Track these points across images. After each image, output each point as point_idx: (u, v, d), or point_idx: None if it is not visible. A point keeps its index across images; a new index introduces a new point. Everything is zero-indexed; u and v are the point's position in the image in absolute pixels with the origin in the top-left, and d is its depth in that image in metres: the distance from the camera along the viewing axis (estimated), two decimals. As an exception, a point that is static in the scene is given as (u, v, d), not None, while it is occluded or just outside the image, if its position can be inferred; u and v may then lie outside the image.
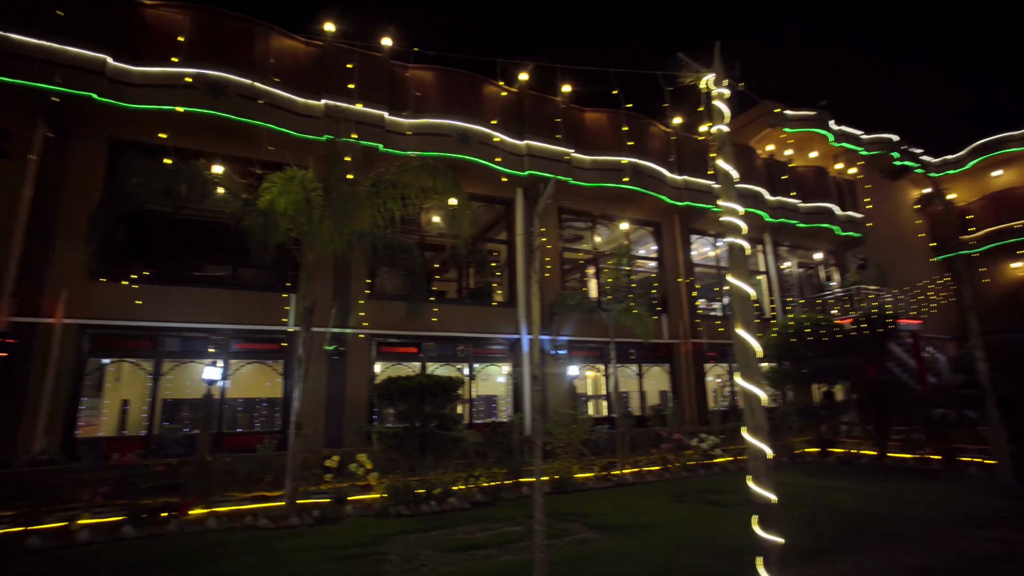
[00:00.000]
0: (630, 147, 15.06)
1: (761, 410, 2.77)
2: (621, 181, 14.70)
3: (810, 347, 13.08)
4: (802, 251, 19.92)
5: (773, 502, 2.69)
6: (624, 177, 14.69)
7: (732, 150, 6.47)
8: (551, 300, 13.60)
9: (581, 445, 10.69)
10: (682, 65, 3.12)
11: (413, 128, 12.51)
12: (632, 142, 15.13)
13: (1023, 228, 21.09)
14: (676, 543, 5.79)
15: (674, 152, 16.21)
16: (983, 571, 4.72)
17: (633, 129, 15.37)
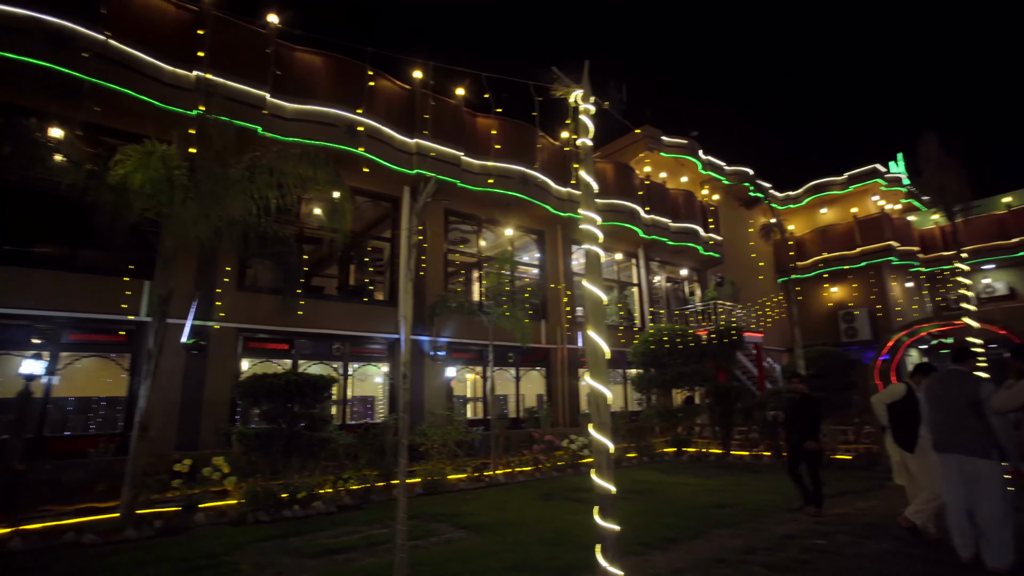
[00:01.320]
0: (520, 156, 15.51)
1: (607, 408, 3.02)
2: (509, 188, 15.07)
3: (672, 355, 14.32)
4: (670, 267, 21.74)
5: (613, 493, 2.93)
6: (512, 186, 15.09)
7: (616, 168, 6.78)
8: (433, 301, 13.56)
9: (455, 446, 10.77)
10: (554, 78, 3.32)
11: (297, 114, 11.89)
12: (522, 151, 15.59)
13: (840, 258, 24.82)
14: (538, 539, 6.05)
15: (561, 165, 16.96)
16: (791, 547, 5.49)
17: (523, 139, 15.86)
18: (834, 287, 25.34)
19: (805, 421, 7.26)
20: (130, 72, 9.79)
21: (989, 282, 24.56)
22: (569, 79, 3.26)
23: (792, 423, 7.52)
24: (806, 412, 7.32)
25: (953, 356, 5.28)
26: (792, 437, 7.45)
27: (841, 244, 25.00)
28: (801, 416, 7.34)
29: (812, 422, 7.23)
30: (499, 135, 15.61)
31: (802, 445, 7.14)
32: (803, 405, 7.41)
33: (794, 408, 7.54)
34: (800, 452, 7.21)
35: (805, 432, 7.18)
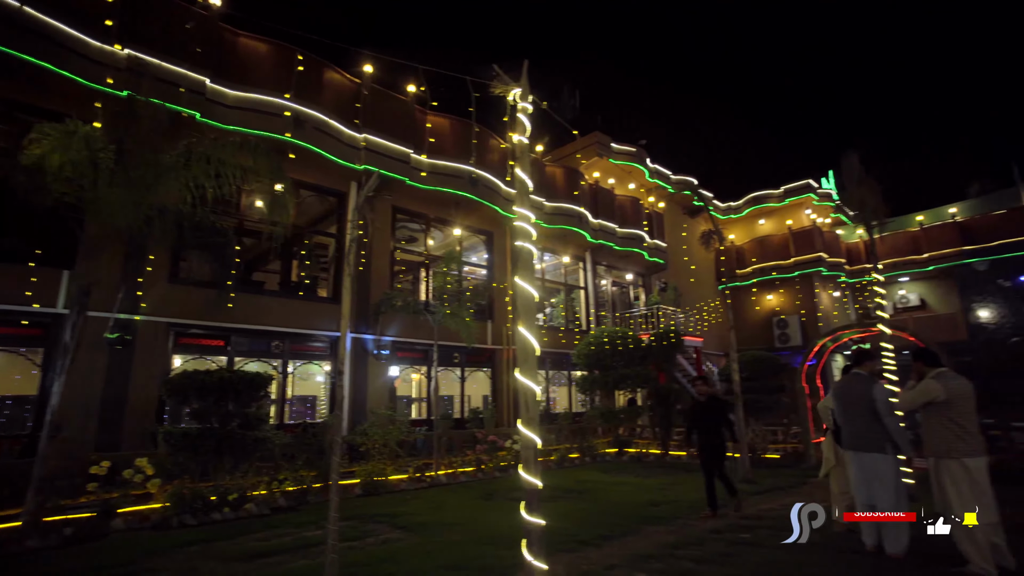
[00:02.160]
0: (470, 156, 15.49)
1: (535, 404, 3.06)
2: (458, 188, 15.03)
3: (615, 357, 14.64)
4: (616, 271, 22.23)
5: (539, 488, 2.96)
6: (463, 186, 15.05)
7: (566, 172, 6.82)
8: (378, 299, 13.34)
9: (397, 446, 10.62)
10: (494, 76, 3.34)
11: (239, 102, 11.44)
12: (473, 151, 15.58)
13: (775, 267, 26.11)
14: (476, 538, 6.05)
15: (510, 167, 17.04)
16: (718, 541, 5.72)
17: (474, 139, 15.84)
18: (770, 295, 26.61)
19: (712, 423, 7.14)
20: (51, 44, 9.14)
21: (904, 293, 26.43)
22: (509, 77, 3.29)
23: (697, 425, 7.35)
24: (713, 414, 7.21)
25: (853, 360, 5.67)
26: (700, 439, 7.26)
27: (777, 254, 26.29)
28: (707, 418, 7.22)
29: (719, 424, 7.13)
30: (450, 134, 15.55)
31: (710, 447, 7.07)
32: (709, 407, 7.30)
33: (700, 410, 7.38)
34: (708, 453, 7.11)
35: (712, 433, 7.09)
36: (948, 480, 4.69)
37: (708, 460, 7.13)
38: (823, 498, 7.94)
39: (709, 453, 7.11)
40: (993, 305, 23.11)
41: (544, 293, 19.93)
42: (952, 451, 4.69)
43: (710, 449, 7.11)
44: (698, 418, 7.40)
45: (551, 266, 20.28)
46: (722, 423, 7.16)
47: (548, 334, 18.30)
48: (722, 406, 7.40)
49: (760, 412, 13.79)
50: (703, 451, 7.20)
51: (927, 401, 4.85)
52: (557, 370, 18.63)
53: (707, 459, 7.14)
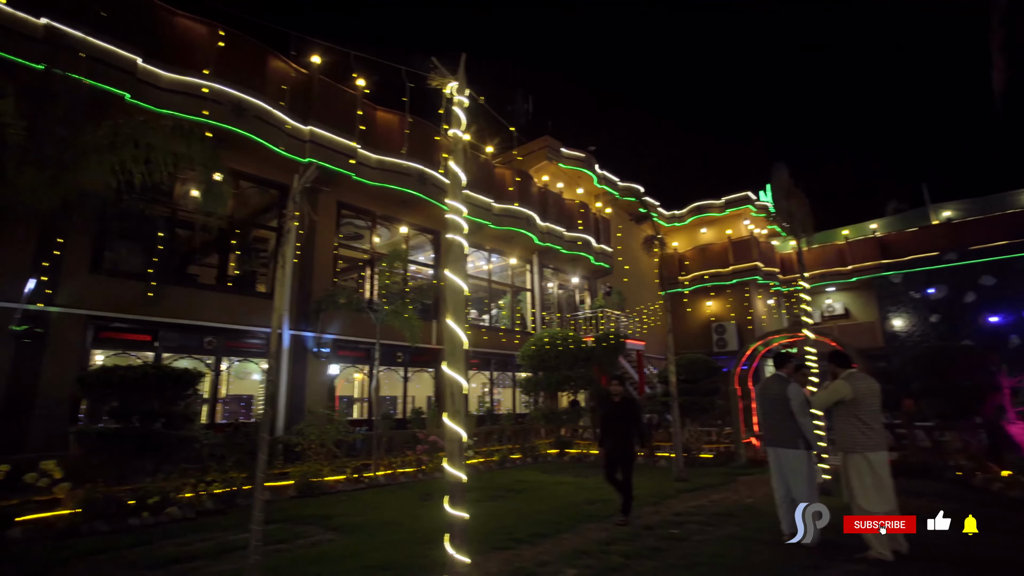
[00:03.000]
0: (420, 154, 15.34)
1: (461, 398, 3.06)
2: (406, 186, 14.85)
3: (559, 359, 14.81)
4: (563, 274, 22.53)
5: (463, 481, 2.96)
6: (409, 183, 14.89)
7: (515, 175, 6.77)
8: (320, 296, 12.99)
9: (334, 446, 10.35)
10: (432, 68, 3.33)
11: (174, 85, 10.89)
12: (421, 149, 15.44)
13: (715, 275, 27.19)
14: (411, 538, 5.97)
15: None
16: (649, 536, 5.88)
17: (424, 136, 15.71)
18: (709, 301, 27.66)
19: (625, 424, 6.76)
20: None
21: (830, 303, 28.08)
22: (446, 70, 3.28)
23: (610, 425, 6.88)
24: (626, 415, 6.83)
25: (774, 362, 6.00)
26: (608, 441, 6.85)
27: (717, 262, 27.38)
28: (620, 419, 6.81)
29: (632, 425, 6.78)
30: (399, 131, 15.36)
31: (624, 450, 6.69)
32: (623, 408, 6.89)
33: (614, 410, 6.91)
34: (617, 456, 6.74)
35: (625, 436, 6.71)
36: (853, 472, 5.04)
37: (614, 464, 6.72)
38: (748, 494, 8.35)
39: (618, 456, 6.70)
40: (906, 314, 24.89)
41: (490, 294, 19.97)
42: (857, 446, 5.04)
43: (620, 452, 6.70)
44: (609, 419, 6.94)
45: (498, 267, 20.34)
46: (633, 426, 6.79)
47: (493, 335, 18.34)
48: (636, 408, 7.02)
49: (696, 413, 14.28)
50: (611, 454, 6.77)
51: (836, 400, 5.19)
52: (502, 371, 18.68)
53: (614, 463, 6.72)
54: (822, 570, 4.63)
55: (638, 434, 6.83)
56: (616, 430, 6.77)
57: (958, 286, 23.51)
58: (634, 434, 6.75)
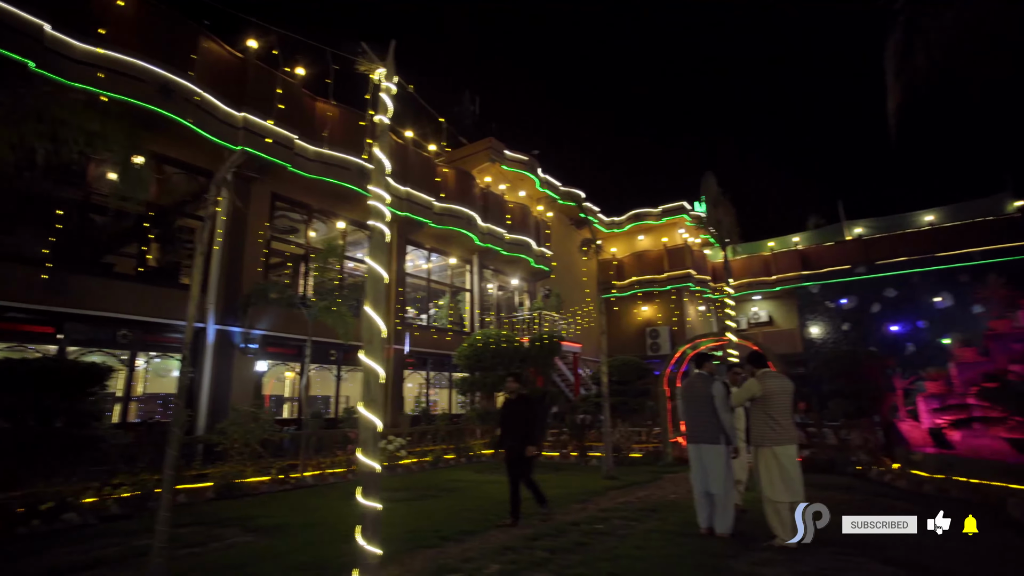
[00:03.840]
0: (361, 148, 15.01)
1: (378, 386, 3.03)
2: (346, 180, 14.50)
3: (496, 359, 14.86)
4: (503, 276, 22.65)
5: (378, 472, 2.93)
6: (350, 178, 14.54)
7: (458, 174, 6.65)
8: (250, 290, 12.45)
9: (259, 446, 9.93)
10: (361, 53, 3.28)
11: (90, 57, 10.15)
12: (362, 143, 15.11)
13: (651, 281, 28.14)
14: (334, 538, 5.81)
15: (401, 163, 16.78)
16: (573, 532, 5.97)
17: (365, 130, 15.39)
18: (645, 306, 28.56)
19: (522, 423, 6.49)
20: None
21: (756, 310, 29.68)
22: (376, 56, 3.24)
23: (508, 425, 6.61)
24: (524, 414, 6.58)
25: (695, 362, 6.30)
26: (507, 441, 6.58)
27: (653, 268, 28.32)
28: (518, 418, 6.55)
29: (531, 425, 6.54)
30: (341, 124, 14.98)
31: (519, 450, 6.40)
32: (520, 406, 6.63)
33: (510, 409, 6.66)
34: (516, 457, 6.46)
35: (523, 435, 6.42)
36: (762, 465, 5.36)
37: (514, 464, 6.49)
38: (672, 491, 8.67)
39: (517, 456, 6.44)
40: (822, 322, 26.67)
41: (430, 294, 19.80)
42: (766, 440, 5.36)
43: (519, 452, 6.43)
44: (507, 418, 6.67)
45: (438, 267, 20.20)
46: (531, 424, 6.55)
47: (431, 335, 18.18)
48: (532, 406, 6.76)
49: (627, 414, 14.70)
50: (510, 453, 6.53)
51: (750, 397, 5.51)
52: (439, 371, 18.55)
53: (513, 462, 6.49)
54: (733, 559, 4.87)
55: (534, 433, 6.53)
56: (515, 429, 6.51)
57: (866, 297, 25.44)
58: (532, 433, 6.49)
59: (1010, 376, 6.47)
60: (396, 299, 16.80)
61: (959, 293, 22.47)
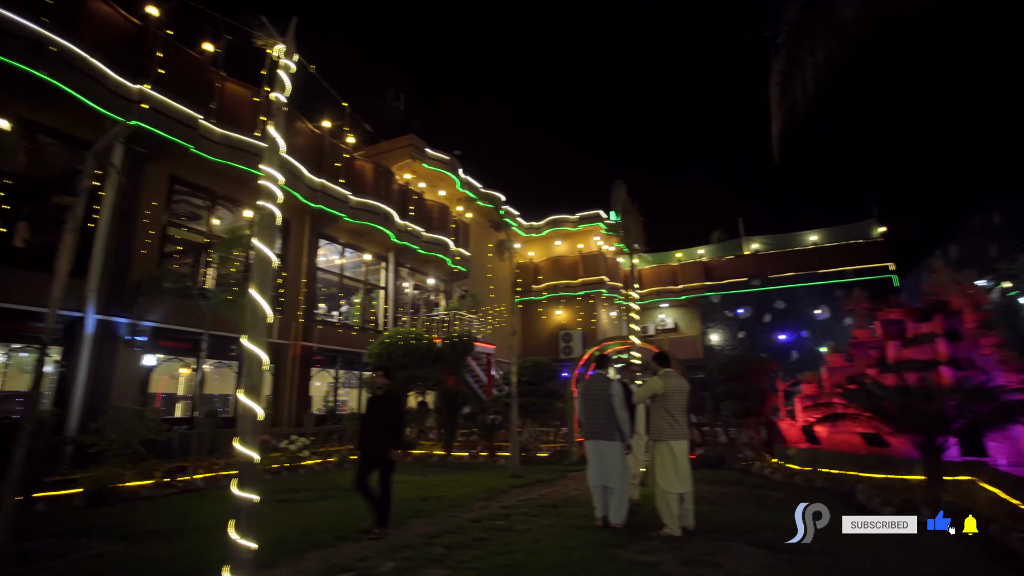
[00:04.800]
0: (282, 137, 14.26)
1: (260, 372, 2.92)
2: (255, 166, 13.74)
3: (407, 358, 14.62)
4: (420, 275, 22.38)
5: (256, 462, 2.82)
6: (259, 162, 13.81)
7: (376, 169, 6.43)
8: (140, 277, 11.48)
9: (142, 447, 9.15)
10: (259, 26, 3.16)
11: (-49, 7, 8.95)
12: (275, 129, 14.40)
13: (566, 285, 28.91)
14: (215, 542, 5.44)
15: (317, 154, 16.19)
16: (473, 528, 6.03)
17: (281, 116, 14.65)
18: (559, 310, 29.29)
19: (386, 422, 5.98)
20: None
21: (663, 317, 31.34)
22: (276, 31, 3.13)
23: (370, 424, 6.07)
24: (389, 412, 6.08)
25: (596, 363, 6.61)
26: (367, 442, 6.01)
27: (568, 274, 29.11)
28: (382, 416, 6.02)
29: (395, 424, 6.08)
30: (251, 107, 14.19)
31: (380, 451, 5.89)
32: (385, 404, 6.15)
33: (375, 407, 6.16)
34: (375, 459, 5.93)
35: (386, 435, 5.93)
36: (658, 457, 5.71)
37: (370, 467, 5.92)
38: (574, 488, 8.95)
39: (377, 458, 5.93)
40: (721, 330, 28.65)
41: (342, 290, 19.19)
42: (663, 435, 5.72)
43: (379, 453, 5.91)
44: (369, 416, 6.17)
45: (352, 263, 19.62)
46: (397, 424, 6.12)
47: (341, 332, 17.62)
48: (400, 404, 6.34)
49: (536, 414, 15.00)
50: (368, 456, 5.97)
51: (652, 394, 5.86)
52: (348, 370, 18.00)
53: (370, 465, 5.92)
54: (622, 548, 5.12)
55: (397, 434, 6.09)
56: (377, 429, 5.96)
57: (759, 308, 27.66)
58: (397, 434, 6.07)
59: (866, 379, 7.30)
60: (306, 294, 16.13)
61: (835, 306, 24.97)
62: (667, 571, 4.44)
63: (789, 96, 4.86)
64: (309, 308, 16.17)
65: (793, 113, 4.99)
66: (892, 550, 4.84)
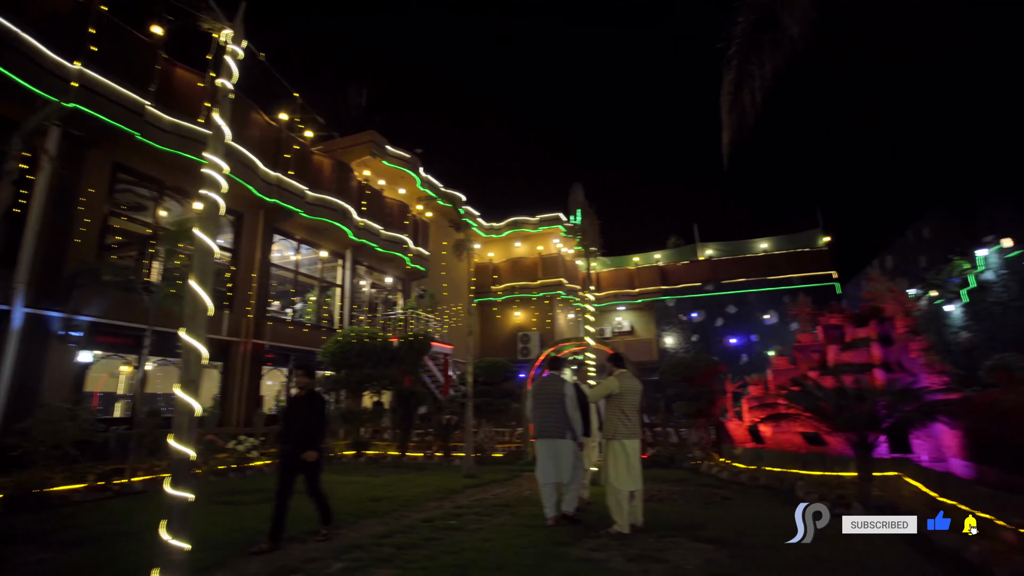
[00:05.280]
0: (227, 124, 13.79)
1: (198, 365, 2.83)
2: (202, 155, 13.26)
3: (363, 357, 14.39)
4: (377, 273, 22.06)
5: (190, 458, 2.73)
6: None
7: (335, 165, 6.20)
8: (76, 268, 10.88)
9: (74, 448, 8.66)
10: (206, 9, 3.05)
11: None
12: (231, 121, 13.91)
13: (525, 287, 29.05)
14: (146, 548, 5.24)
15: (274, 147, 15.76)
16: (425, 528, 5.99)
17: (235, 108, 14.18)
18: (518, 311, 29.41)
19: (307, 424, 5.59)
20: None
21: (620, 320, 31.89)
22: (223, 16, 3.03)
23: (289, 425, 5.64)
24: (310, 412, 5.68)
25: (550, 364, 6.71)
26: (285, 446, 5.59)
27: (527, 275, 29.27)
28: (303, 417, 5.61)
29: (316, 426, 5.68)
30: (203, 96, 13.64)
31: (299, 455, 5.45)
32: (307, 404, 5.73)
33: (296, 407, 5.74)
34: (296, 463, 5.48)
35: (305, 438, 5.50)
36: (610, 456, 5.83)
37: (292, 472, 5.51)
38: (528, 487, 9.00)
39: (298, 462, 5.48)
40: (675, 333, 29.38)
41: (297, 287, 18.72)
42: (617, 434, 5.85)
43: (296, 458, 5.48)
44: (289, 417, 5.73)
45: (308, 260, 19.17)
46: (317, 425, 5.69)
47: (295, 330, 17.19)
48: (320, 404, 5.86)
49: (492, 414, 15.02)
50: (287, 459, 5.56)
51: (607, 393, 5.98)
52: (303, 369, 17.58)
53: (291, 470, 5.51)
54: (571, 546, 5.18)
55: (317, 435, 5.66)
56: (297, 431, 5.55)
57: (712, 312, 28.53)
58: (315, 435, 5.61)
59: (808, 381, 7.64)
60: (258, 290, 15.66)
61: (783, 312, 26.01)
62: (615, 568, 4.52)
63: (738, 106, 5.07)
64: (261, 305, 15.69)
65: (742, 122, 5.20)
66: (832, 546, 5.06)
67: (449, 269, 26.19)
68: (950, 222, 19.05)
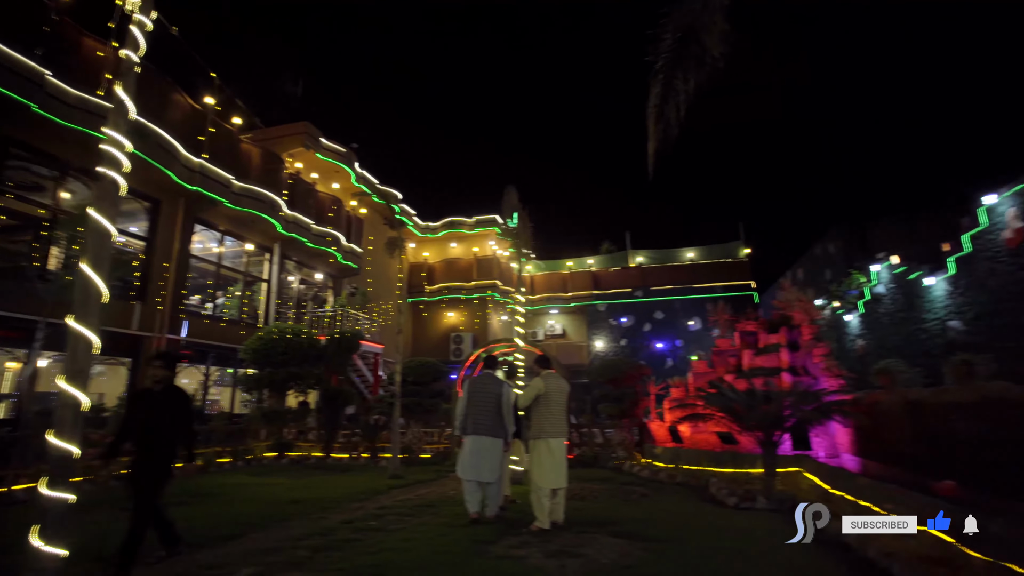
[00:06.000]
0: (144, 104, 12.87)
1: (87, 356, 2.64)
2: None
3: (287, 355, 13.83)
4: (307, 269, 21.29)
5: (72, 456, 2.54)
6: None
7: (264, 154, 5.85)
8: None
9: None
10: None
11: None
12: (145, 97, 13.00)
13: (459, 288, 28.96)
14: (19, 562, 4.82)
15: (196, 132, 14.89)
16: (345, 529, 5.83)
17: (153, 87, 13.30)
18: (452, 312, 29.24)
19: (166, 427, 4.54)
20: None
21: (553, 323, 32.42)
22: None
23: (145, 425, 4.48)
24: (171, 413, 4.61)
25: (486, 364, 6.77)
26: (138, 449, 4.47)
27: (462, 276, 29.17)
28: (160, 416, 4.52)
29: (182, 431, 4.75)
30: (110, 67, 12.62)
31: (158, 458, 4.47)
32: (166, 400, 4.62)
33: (153, 404, 4.57)
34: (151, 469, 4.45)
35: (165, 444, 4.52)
36: (535, 454, 5.94)
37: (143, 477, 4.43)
38: (453, 488, 8.97)
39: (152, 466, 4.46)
40: (605, 337, 30.22)
41: (219, 280, 17.75)
42: (543, 433, 5.96)
43: (157, 461, 4.48)
44: (145, 414, 4.53)
45: (232, 252, 18.21)
46: (182, 425, 4.75)
47: (215, 326, 16.30)
48: (185, 401, 4.89)
49: (422, 415, 14.86)
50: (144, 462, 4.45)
51: (535, 394, 6.08)
52: (222, 367, 16.67)
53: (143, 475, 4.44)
54: (492, 544, 5.22)
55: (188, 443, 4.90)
56: (153, 432, 4.49)
57: (640, 317, 29.60)
58: (179, 439, 4.73)
59: (723, 383, 8.09)
60: (175, 282, 14.70)
61: (706, 318, 27.35)
62: (534, 563, 4.60)
63: (664, 118, 5.32)
64: (177, 297, 14.74)
65: (667, 134, 5.46)
66: (742, 538, 5.36)
67: (382, 267, 25.69)
68: (851, 239, 20.81)
